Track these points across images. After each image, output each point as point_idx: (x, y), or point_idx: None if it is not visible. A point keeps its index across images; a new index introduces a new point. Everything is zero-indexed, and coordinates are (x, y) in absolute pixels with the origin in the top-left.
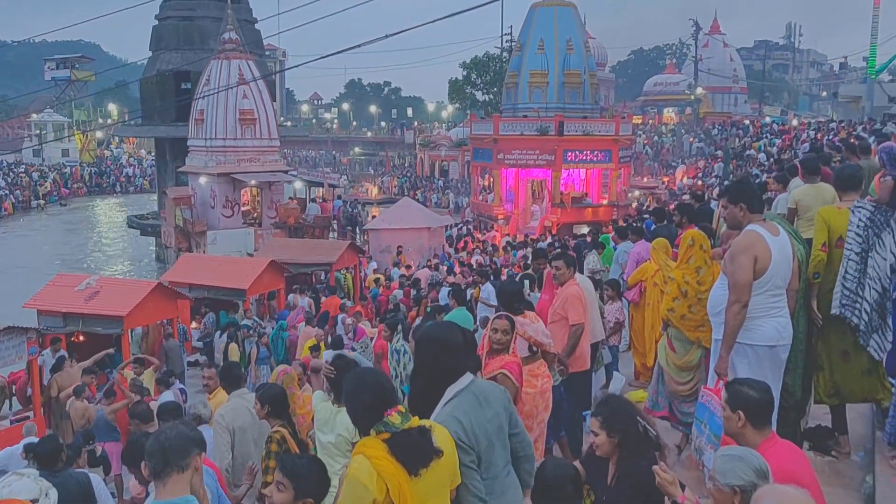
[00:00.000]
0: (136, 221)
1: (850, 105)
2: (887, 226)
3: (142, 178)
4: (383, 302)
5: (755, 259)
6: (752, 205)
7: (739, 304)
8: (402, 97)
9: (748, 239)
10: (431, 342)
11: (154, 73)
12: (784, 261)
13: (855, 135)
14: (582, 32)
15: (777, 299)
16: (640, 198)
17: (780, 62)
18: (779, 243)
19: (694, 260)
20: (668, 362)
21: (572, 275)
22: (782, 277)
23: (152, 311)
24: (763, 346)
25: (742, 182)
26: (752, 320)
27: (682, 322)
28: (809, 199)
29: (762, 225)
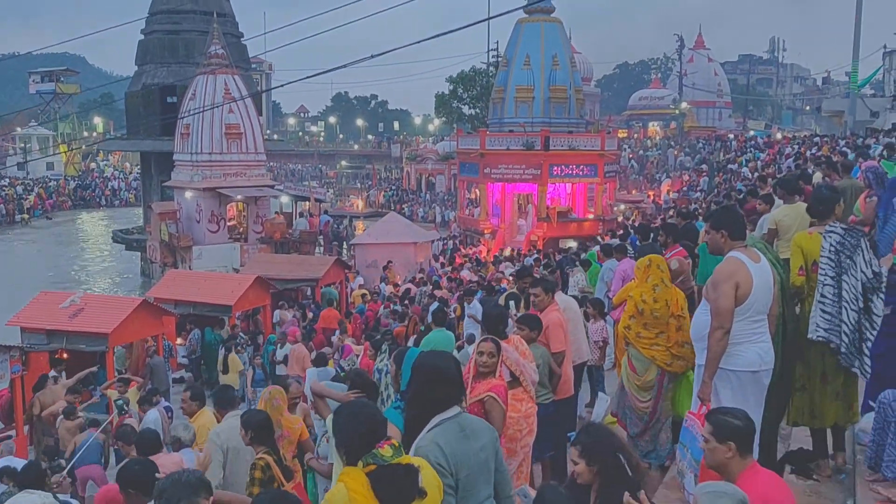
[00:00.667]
0: (121, 236)
1: (833, 119)
2: (858, 247)
3: (127, 191)
4: (371, 318)
5: (737, 286)
6: (734, 232)
7: (722, 331)
8: (388, 110)
9: (730, 266)
10: (428, 372)
11: (139, 87)
12: (765, 287)
13: (838, 150)
14: (568, 48)
15: (759, 325)
16: (626, 212)
17: (764, 76)
18: (760, 270)
19: (652, 278)
20: (630, 381)
21: (552, 300)
22: (763, 303)
23: (137, 328)
24: (746, 371)
25: (725, 209)
26: (734, 346)
27: (637, 340)
28: (789, 219)
29: (744, 252)
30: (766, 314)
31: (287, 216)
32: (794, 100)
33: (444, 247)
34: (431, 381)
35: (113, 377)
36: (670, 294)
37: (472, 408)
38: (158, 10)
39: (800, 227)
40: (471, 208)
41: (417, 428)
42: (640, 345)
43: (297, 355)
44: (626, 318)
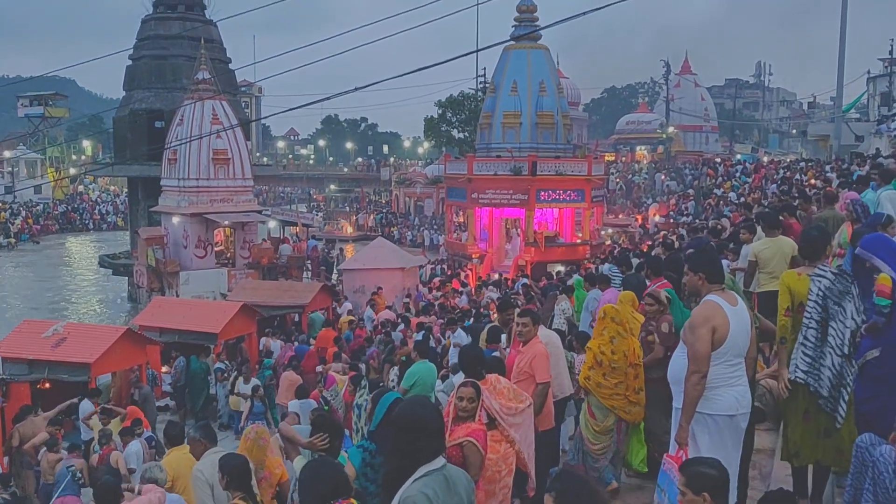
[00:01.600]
0: (108, 261)
1: (819, 143)
2: (848, 294)
3: (115, 215)
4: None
5: (714, 330)
6: (711, 275)
7: (699, 375)
8: (378, 133)
9: (707, 310)
10: (409, 423)
11: (127, 113)
12: (742, 330)
13: (823, 175)
14: (554, 74)
15: (735, 368)
16: (613, 236)
17: (751, 100)
18: (737, 313)
19: (607, 331)
20: (588, 427)
21: (537, 331)
22: (741, 347)
23: (121, 358)
24: (723, 415)
25: (703, 251)
26: (711, 390)
27: (598, 390)
28: (769, 252)
29: (721, 295)
30: (743, 357)
31: (275, 241)
32: (780, 123)
33: (431, 271)
34: (413, 433)
35: (96, 408)
36: (627, 344)
37: (450, 451)
38: (146, 36)
39: (779, 260)
40: (459, 232)
41: (399, 480)
42: (600, 395)
43: (288, 381)
44: (585, 369)
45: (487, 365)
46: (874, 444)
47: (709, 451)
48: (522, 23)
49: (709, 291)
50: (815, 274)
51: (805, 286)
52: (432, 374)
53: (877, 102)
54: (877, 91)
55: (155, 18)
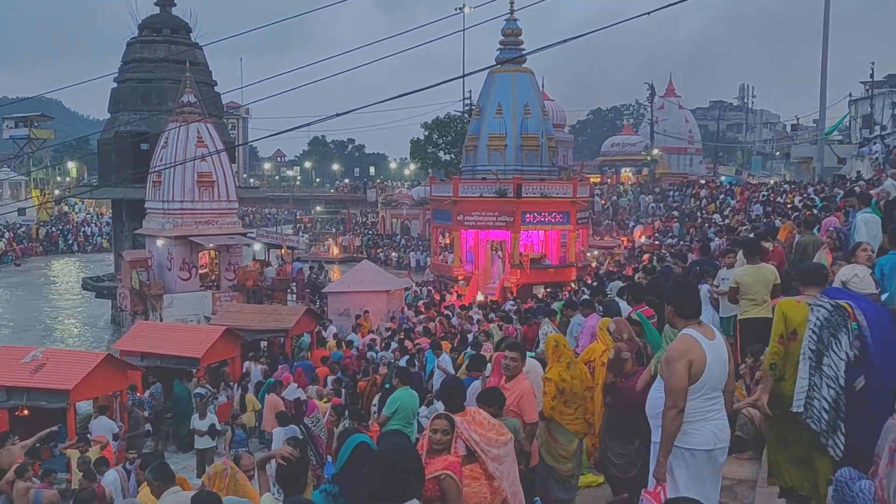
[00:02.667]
0: (92, 283)
1: (802, 165)
2: (844, 326)
3: (100, 236)
4: (349, 365)
5: (690, 364)
6: (681, 308)
7: (676, 410)
8: (365, 154)
9: (683, 344)
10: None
11: (112, 135)
12: (719, 364)
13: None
14: (539, 97)
15: (713, 402)
16: (599, 257)
17: (735, 122)
18: (714, 347)
19: (563, 358)
20: (553, 453)
21: (523, 367)
22: (718, 380)
23: (101, 384)
24: (701, 450)
25: (679, 285)
26: (689, 424)
27: (561, 417)
28: (750, 279)
29: (697, 328)
30: (720, 391)
31: (261, 263)
32: (763, 145)
33: (415, 294)
34: (389, 476)
35: (74, 436)
36: (580, 369)
37: (427, 485)
38: (132, 59)
39: (761, 287)
40: (444, 254)
41: None
42: (564, 421)
43: (271, 406)
44: (549, 400)
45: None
46: (854, 479)
47: (686, 485)
48: (507, 46)
49: (685, 325)
50: (814, 304)
51: (802, 314)
52: (414, 401)
53: (858, 125)
54: (858, 114)
55: (140, 41)
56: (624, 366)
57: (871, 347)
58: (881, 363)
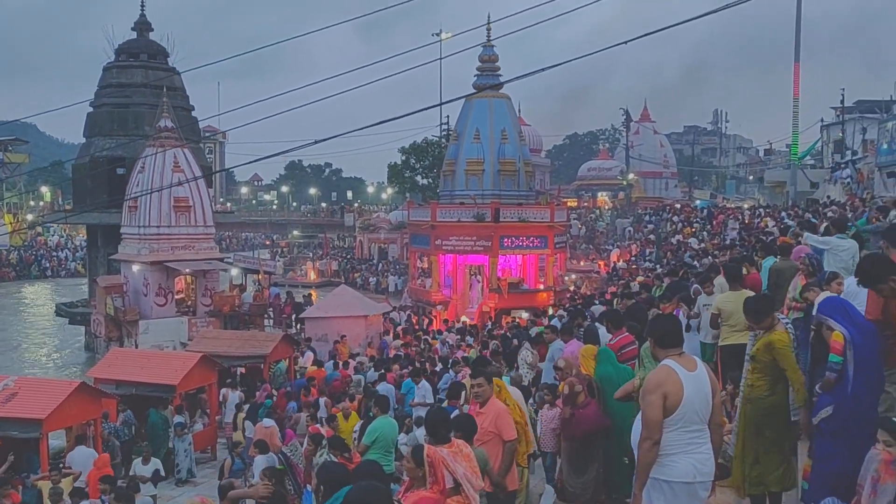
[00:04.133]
0: (65, 309)
1: (776, 189)
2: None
3: (74, 261)
4: (338, 387)
5: (665, 396)
6: (660, 339)
7: (650, 442)
8: (342, 178)
9: (659, 376)
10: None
11: (87, 160)
12: (700, 396)
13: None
14: (516, 122)
15: (695, 435)
16: (577, 281)
17: (709, 146)
18: (694, 378)
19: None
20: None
21: (492, 390)
22: (699, 413)
23: (74, 413)
24: (679, 482)
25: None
26: (668, 456)
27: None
28: (732, 305)
29: (677, 359)
30: (704, 424)
31: (239, 288)
32: (737, 170)
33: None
34: None
35: (46, 467)
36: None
37: None
38: (108, 84)
39: (742, 314)
40: (422, 279)
41: None
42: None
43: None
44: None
45: (453, 426)
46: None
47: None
48: (485, 72)
49: (665, 356)
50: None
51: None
52: (394, 430)
53: (830, 150)
54: (830, 139)
55: (117, 66)
56: (577, 398)
57: (851, 379)
58: (859, 391)
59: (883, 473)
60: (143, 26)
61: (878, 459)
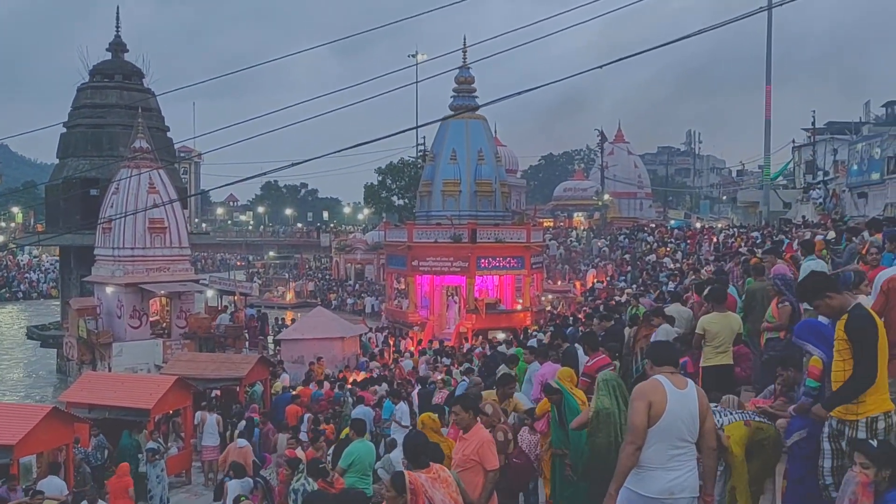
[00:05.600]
0: (37, 332)
1: (749, 209)
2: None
3: (45, 283)
4: (325, 406)
5: (650, 404)
6: (657, 359)
7: (633, 447)
8: (318, 199)
9: (646, 385)
10: None
11: (60, 181)
12: (686, 413)
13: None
14: (492, 143)
15: (678, 452)
16: (553, 301)
17: (682, 167)
18: (682, 396)
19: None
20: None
21: (475, 419)
22: (684, 431)
23: (46, 438)
24: (652, 497)
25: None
26: (646, 470)
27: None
28: (717, 326)
29: (669, 376)
30: (690, 443)
31: (213, 310)
32: (711, 190)
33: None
34: None
35: None
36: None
37: None
38: (82, 104)
39: (727, 335)
40: (399, 300)
41: None
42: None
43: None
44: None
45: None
46: None
47: None
48: (461, 94)
49: (659, 372)
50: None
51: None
52: (371, 453)
53: (802, 171)
54: (801, 160)
55: (91, 87)
56: (508, 447)
57: None
58: None
59: (860, 496)
60: (118, 47)
61: (856, 482)
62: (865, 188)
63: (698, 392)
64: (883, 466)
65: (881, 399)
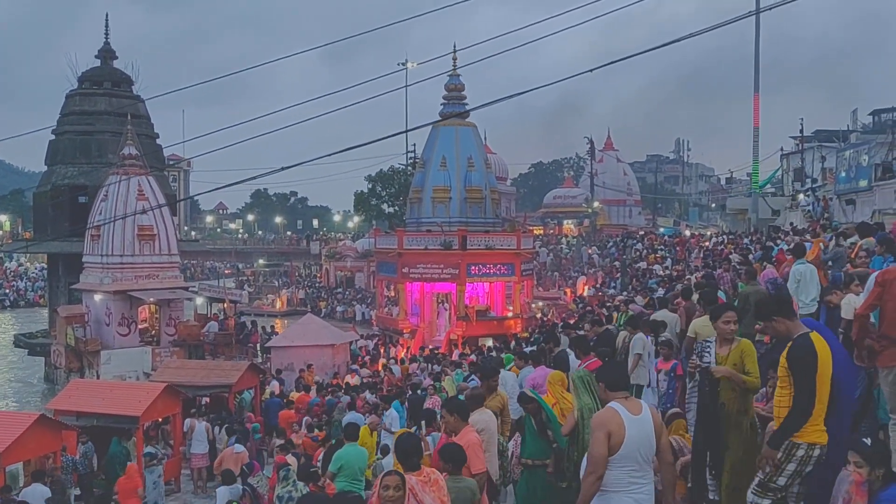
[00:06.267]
0: (24, 340)
1: (738, 216)
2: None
3: (33, 291)
4: (317, 413)
5: (609, 435)
6: (610, 384)
7: (594, 476)
8: (308, 207)
9: (604, 415)
10: None
11: (49, 188)
12: (643, 438)
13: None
14: (482, 150)
15: (639, 475)
16: (544, 308)
17: (671, 175)
18: (638, 422)
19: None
20: None
21: (464, 422)
22: (643, 454)
23: (33, 445)
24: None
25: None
26: (609, 493)
27: None
28: (708, 330)
29: (623, 402)
30: (647, 466)
31: (202, 318)
32: (699, 197)
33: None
34: None
35: None
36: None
37: None
38: (71, 111)
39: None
40: (390, 307)
41: None
42: None
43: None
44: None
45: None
46: None
47: None
48: (451, 101)
49: (613, 398)
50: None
51: None
52: (361, 458)
53: (790, 178)
54: (790, 167)
55: (80, 94)
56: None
57: None
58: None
59: (854, 495)
60: (107, 54)
61: (850, 481)
62: (853, 195)
63: (652, 413)
64: (876, 465)
65: (815, 430)
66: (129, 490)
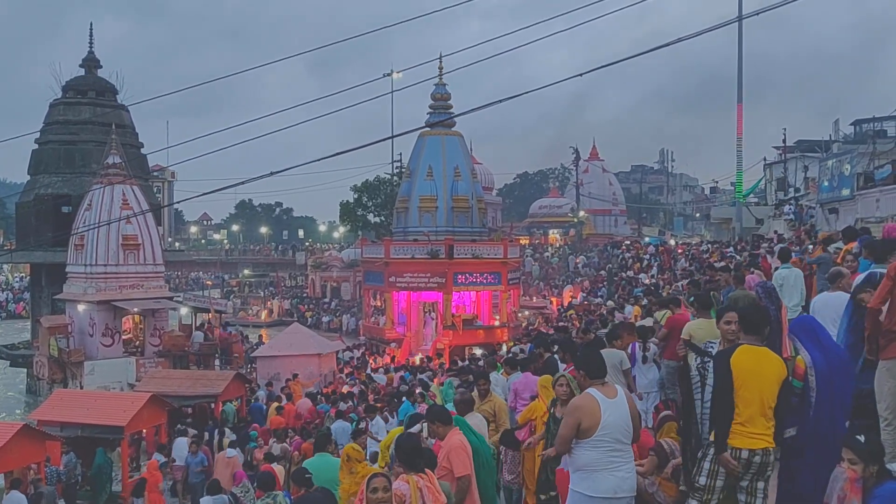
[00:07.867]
0: (6, 351)
1: (722, 226)
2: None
3: (14, 302)
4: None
5: (580, 420)
6: (590, 372)
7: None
8: (294, 217)
9: (579, 401)
10: None
11: (32, 198)
12: (618, 419)
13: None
14: (468, 160)
15: (618, 454)
16: (530, 317)
17: (656, 185)
18: (614, 405)
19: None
20: None
21: (442, 427)
22: (621, 433)
23: (17, 456)
24: (602, 497)
25: (586, 352)
26: (593, 472)
27: None
28: (702, 332)
29: (600, 388)
30: (627, 444)
31: (187, 328)
32: (684, 207)
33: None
34: None
35: None
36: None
37: None
38: (55, 121)
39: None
40: (376, 316)
41: None
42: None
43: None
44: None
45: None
46: None
47: None
48: (437, 110)
49: (591, 385)
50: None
51: None
52: (330, 468)
53: (773, 187)
54: (773, 177)
55: (64, 103)
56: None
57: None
58: (821, 415)
59: (848, 492)
60: (91, 63)
61: (844, 478)
62: (836, 204)
63: (627, 396)
64: (870, 462)
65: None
66: (151, 484)
